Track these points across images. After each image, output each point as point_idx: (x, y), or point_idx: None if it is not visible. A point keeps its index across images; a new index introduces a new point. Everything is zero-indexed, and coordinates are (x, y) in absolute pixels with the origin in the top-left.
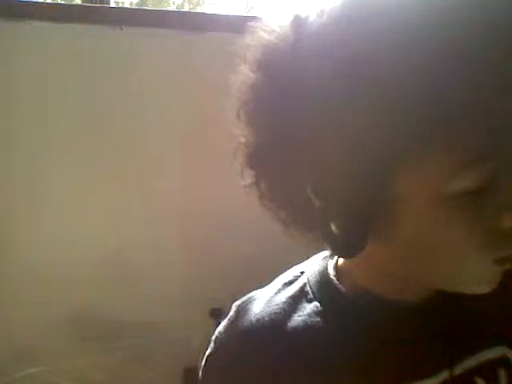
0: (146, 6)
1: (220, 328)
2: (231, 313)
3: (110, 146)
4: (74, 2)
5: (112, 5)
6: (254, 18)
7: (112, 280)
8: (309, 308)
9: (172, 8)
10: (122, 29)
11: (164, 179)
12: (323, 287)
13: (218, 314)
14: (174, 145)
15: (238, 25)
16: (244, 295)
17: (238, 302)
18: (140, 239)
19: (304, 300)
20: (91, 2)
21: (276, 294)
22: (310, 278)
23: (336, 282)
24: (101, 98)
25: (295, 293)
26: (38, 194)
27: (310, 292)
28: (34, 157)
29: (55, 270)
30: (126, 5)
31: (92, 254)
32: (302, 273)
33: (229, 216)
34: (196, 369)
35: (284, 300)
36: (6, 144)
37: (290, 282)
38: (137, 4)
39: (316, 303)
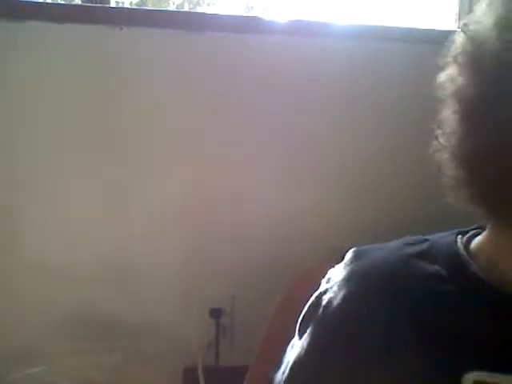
0: (146, 6)
1: (334, 270)
2: (347, 258)
3: (109, 147)
4: (73, 2)
5: (112, 5)
6: (253, 18)
7: (112, 280)
8: (431, 269)
9: (172, 8)
10: (121, 29)
11: (164, 179)
12: (450, 256)
13: (217, 314)
14: (174, 145)
15: (238, 25)
16: (244, 295)
17: (354, 248)
18: (140, 239)
19: (426, 261)
20: (91, 2)
21: (398, 249)
22: (435, 246)
23: (466, 256)
24: (100, 98)
25: (418, 253)
26: (39, 195)
27: (433, 257)
28: (35, 157)
29: (55, 270)
30: (126, 5)
31: (92, 254)
32: (426, 240)
33: (229, 216)
34: (196, 369)
35: (406, 254)
36: (6, 144)
37: (413, 244)
38: (137, 4)
39: (437, 267)
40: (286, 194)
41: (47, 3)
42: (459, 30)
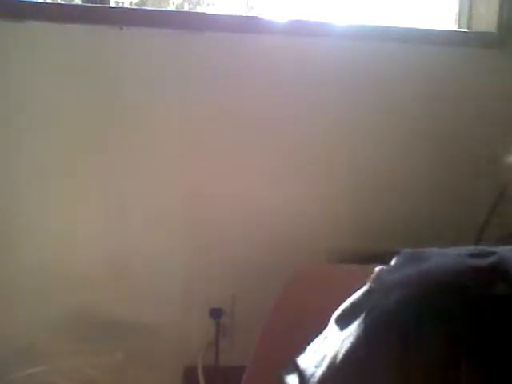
0: (146, 6)
1: (383, 270)
2: (402, 259)
3: (109, 147)
4: (73, 2)
5: (112, 5)
6: (253, 18)
7: (112, 280)
8: (496, 287)
9: (172, 8)
10: (122, 29)
11: (164, 180)
12: None
13: (217, 314)
14: (174, 145)
15: (238, 25)
16: (244, 295)
17: (409, 250)
18: (140, 240)
19: (491, 277)
20: (91, 2)
21: (460, 259)
22: (505, 261)
23: None
24: (100, 98)
25: (483, 267)
26: (40, 196)
27: (501, 273)
28: (34, 157)
29: (55, 270)
30: (126, 5)
31: (92, 254)
32: (493, 253)
33: (229, 217)
34: (196, 368)
35: (470, 266)
36: (7, 146)
37: (478, 255)
38: (137, 4)
39: (504, 285)
40: (285, 194)
41: (47, 3)
42: None
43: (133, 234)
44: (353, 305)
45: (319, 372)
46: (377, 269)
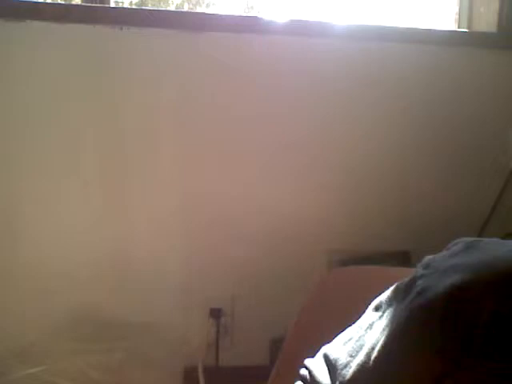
0: (146, 6)
1: (434, 257)
2: (456, 247)
3: (109, 147)
4: (73, 2)
5: (112, 5)
6: (254, 18)
7: (112, 280)
8: None
9: (172, 8)
10: (121, 29)
11: (164, 179)
12: None
13: (217, 314)
14: (173, 145)
15: (237, 25)
16: (244, 295)
17: (465, 239)
18: (140, 240)
19: None
20: (91, 2)
21: None
22: None
23: None
24: (100, 98)
25: None
26: (40, 195)
27: None
28: (35, 157)
29: (55, 270)
30: (126, 5)
31: (92, 254)
32: None
33: (229, 218)
34: (196, 369)
35: None
36: (7, 145)
37: None
38: (137, 4)
39: None
40: (285, 195)
41: (47, 3)
42: None
43: (133, 234)
44: (395, 291)
45: (355, 361)
46: (427, 257)
